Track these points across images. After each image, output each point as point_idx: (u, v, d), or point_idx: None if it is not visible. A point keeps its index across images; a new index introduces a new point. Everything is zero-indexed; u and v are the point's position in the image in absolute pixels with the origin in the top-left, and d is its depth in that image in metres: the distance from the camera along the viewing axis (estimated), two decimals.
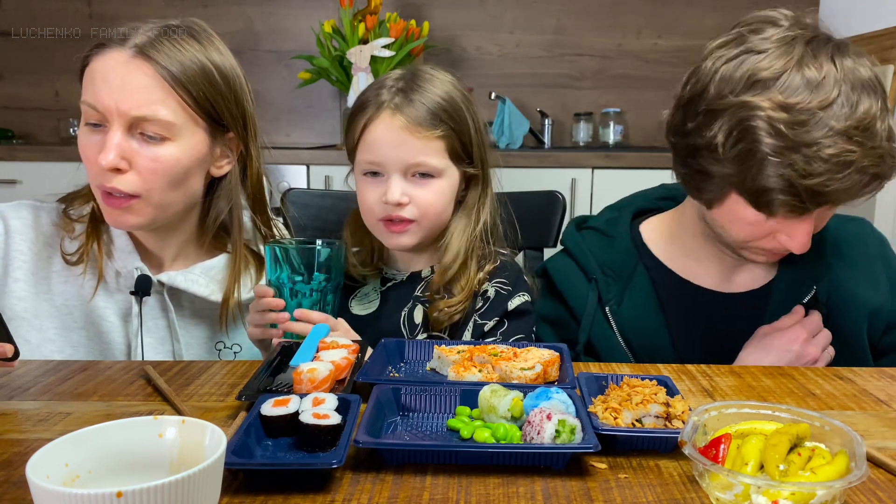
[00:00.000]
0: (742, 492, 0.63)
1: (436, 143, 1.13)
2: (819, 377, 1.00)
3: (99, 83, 1.04)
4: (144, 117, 1.04)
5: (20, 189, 2.56)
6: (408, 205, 1.14)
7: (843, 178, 0.92)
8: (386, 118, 1.12)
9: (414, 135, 1.11)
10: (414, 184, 1.14)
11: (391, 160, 1.13)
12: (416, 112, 1.11)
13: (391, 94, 1.13)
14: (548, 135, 3.17)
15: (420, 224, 1.16)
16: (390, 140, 1.12)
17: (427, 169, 1.13)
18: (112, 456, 0.58)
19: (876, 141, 0.93)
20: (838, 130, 0.92)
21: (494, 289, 1.20)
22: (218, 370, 1.00)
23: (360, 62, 2.75)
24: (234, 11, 3.18)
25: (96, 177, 1.06)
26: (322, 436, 0.71)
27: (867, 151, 0.93)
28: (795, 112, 0.92)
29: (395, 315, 1.22)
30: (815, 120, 0.92)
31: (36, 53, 3.14)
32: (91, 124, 1.06)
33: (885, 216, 2.56)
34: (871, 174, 0.95)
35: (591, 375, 0.89)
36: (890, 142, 0.95)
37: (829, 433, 0.70)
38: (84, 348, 1.15)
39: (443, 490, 0.67)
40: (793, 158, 0.92)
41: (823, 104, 0.93)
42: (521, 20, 3.24)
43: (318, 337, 1.00)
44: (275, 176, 2.60)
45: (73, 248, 1.15)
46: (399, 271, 1.26)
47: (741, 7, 3.22)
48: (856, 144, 0.92)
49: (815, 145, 0.92)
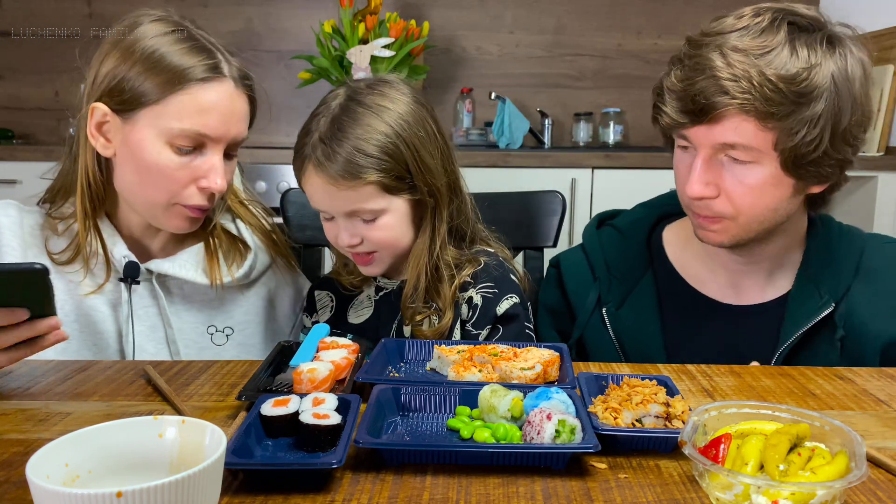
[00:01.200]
0: (742, 492, 0.63)
1: (366, 189, 1.09)
2: (819, 377, 0.99)
3: (212, 114, 1.08)
4: (240, 140, 1.15)
5: (20, 189, 2.55)
6: (360, 244, 1.14)
7: (698, 83, 0.97)
8: (311, 174, 1.11)
9: (340, 188, 1.09)
10: (360, 224, 1.13)
11: (329, 209, 1.14)
12: (336, 167, 1.08)
13: (315, 144, 1.10)
14: (548, 135, 3.17)
15: (381, 254, 1.16)
16: (320, 193, 1.12)
17: (367, 214, 1.12)
18: (112, 456, 0.58)
19: (754, 71, 0.95)
20: (725, 47, 0.98)
21: (480, 295, 1.17)
22: (218, 370, 1.00)
23: (360, 62, 2.75)
24: (234, 11, 3.18)
25: (191, 197, 1.11)
26: (322, 436, 0.71)
27: (737, 71, 0.96)
28: (708, 33, 1.01)
29: (386, 325, 1.21)
30: (718, 40, 0.99)
31: (36, 53, 3.14)
32: (181, 148, 1.08)
33: (886, 216, 2.56)
34: (710, 82, 0.97)
35: (591, 375, 0.89)
36: (784, 83, 0.95)
37: (829, 433, 0.70)
38: (77, 341, 1.15)
39: (443, 490, 0.67)
40: (671, 67, 1.04)
41: (734, 27, 0.99)
42: (521, 20, 3.24)
43: (318, 337, 1.00)
44: (275, 176, 2.60)
45: (61, 247, 1.16)
46: (389, 279, 1.26)
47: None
48: (725, 61, 0.97)
49: (696, 56, 1.00)
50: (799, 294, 1.12)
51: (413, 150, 1.11)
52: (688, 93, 1.00)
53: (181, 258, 1.20)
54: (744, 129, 0.98)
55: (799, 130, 0.97)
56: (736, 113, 0.97)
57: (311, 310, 1.30)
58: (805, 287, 1.12)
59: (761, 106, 0.96)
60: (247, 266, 1.24)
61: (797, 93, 0.96)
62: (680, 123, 1.02)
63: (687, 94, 1.00)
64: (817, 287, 1.11)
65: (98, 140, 1.11)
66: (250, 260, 1.24)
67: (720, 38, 0.99)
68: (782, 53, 0.96)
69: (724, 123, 0.98)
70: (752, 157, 1.00)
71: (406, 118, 1.12)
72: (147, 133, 1.08)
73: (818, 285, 1.11)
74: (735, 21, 1.00)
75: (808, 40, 0.98)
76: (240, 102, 1.13)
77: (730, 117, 0.98)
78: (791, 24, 1.00)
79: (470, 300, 1.17)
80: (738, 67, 0.96)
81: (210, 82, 1.09)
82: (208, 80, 1.09)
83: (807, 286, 1.12)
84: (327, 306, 1.28)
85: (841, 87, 0.98)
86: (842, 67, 0.99)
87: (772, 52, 0.96)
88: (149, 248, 1.21)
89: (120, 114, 1.09)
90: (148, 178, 1.10)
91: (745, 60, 0.97)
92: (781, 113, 0.96)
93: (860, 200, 2.65)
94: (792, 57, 0.96)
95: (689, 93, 1.00)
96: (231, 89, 1.11)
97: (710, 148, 1.01)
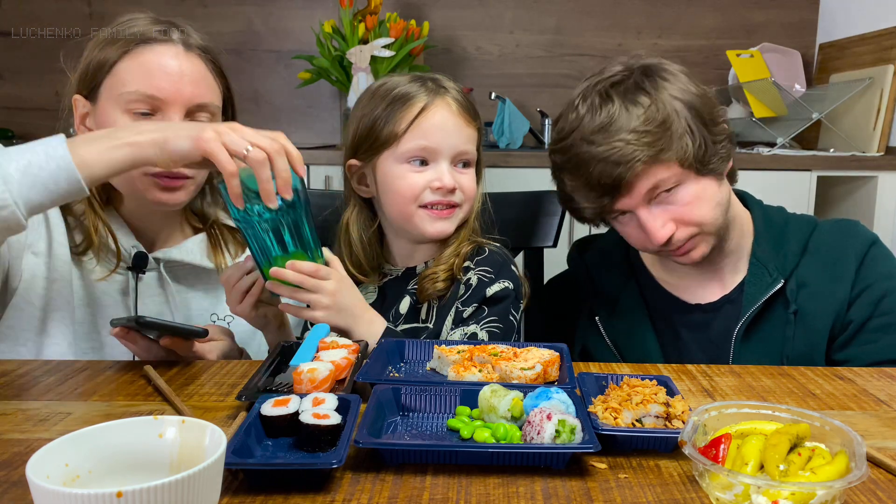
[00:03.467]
0: (742, 492, 0.63)
1: (474, 134, 1.22)
2: (819, 377, 1.00)
3: (158, 74, 1.10)
4: (204, 104, 1.14)
5: None
6: (456, 190, 1.19)
7: (594, 171, 1.10)
8: (445, 107, 1.18)
9: (467, 123, 1.20)
10: (457, 172, 1.20)
11: (445, 146, 1.18)
12: (465, 102, 1.21)
13: (436, 86, 1.20)
14: (548, 135, 3.17)
15: (462, 209, 1.22)
16: (448, 126, 1.18)
17: (468, 157, 1.21)
18: (112, 456, 0.58)
19: (622, 137, 1.09)
20: (586, 138, 1.11)
21: (477, 276, 1.21)
22: (218, 370, 1.00)
23: (360, 62, 2.75)
24: (234, 11, 3.18)
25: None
26: (322, 436, 0.71)
27: (614, 146, 1.09)
28: (563, 136, 1.15)
29: (390, 309, 1.24)
30: (577, 135, 1.13)
31: (36, 53, 3.14)
32: (140, 113, 1.10)
33: (886, 216, 2.56)
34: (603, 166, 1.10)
35: (591, 375, 0.89)
36: (645, 126, 1.09)
37: (829, 433, 0.70)
38: (87, 324, 1.19)
39: (443, 490, 0.67)
40: (561, 176, 1.19)
41: (580, 120, 1.13)
42: (521, 20, 3.24)
43: (318, 337, 1.00)
44: None
45: (78, 240, 1.18)
46: (395, 266, 1.28)
47: (741, 7, 3.22)
48: (597, 146, 1.10)
49: (572, 158, 1.13)
50: (752, 277, 1.23)
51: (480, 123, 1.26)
52: (591, 183, 1.12)
53: (187, 245, 1.24)
54: (653, 172, 1.10)
55: (683, 143, 1.11)
56: (639, 172, 1.10)
57: None
58: (756, 269, 1.23)
59: (651, 151, 1.09)
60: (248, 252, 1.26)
61: (661, 123, 1.10)
62: (604, 206, 1.14)
63: (590, 184, 1.12)
64: (766, 267, 1.22)
65: (84, 132, 1.14)
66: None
67: (576, 133, 1.12)
68: (625, 112, 1.10)
69: (636, 181, 1.11)
70: (675, 181, 1.12)
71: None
72: (107, 105, 1.12)
73: (767, 266, 1.22)
74: (574, 115, 1.14)
75: (633, 88, 1.12)
76: (191, 64, 1.14)
77: (636, 175, 1.10)
78: (612, 86, 1.13)
79: (468, 282, 1.21)
80: (610, 144, 1.09)
81: (154, 44, 1.12)
82: (152, 41, 1.12)
83: (757, 268, 1.23)
84: None
85: (682, 97, 1.12)
86: (670, 86, 1.13)
87: (618, 117, 1.10)
88: (155, 239, 1.24)
89: (90, 98, 1.14)
90: None
91: (608, 137, 1.09)
92: (665, 143, 1.10)
93: (860, 200, 2.65)
94: (635, 108, 1.10)
95: (591, 183, 1.12)
96: (178, 51, 1.13)
97: (641, 201, 1.13)
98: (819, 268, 1.21)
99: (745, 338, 1.20)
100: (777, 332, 1.19)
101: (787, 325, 1.19)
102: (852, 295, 1.18)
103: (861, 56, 2.83)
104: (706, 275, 1.26)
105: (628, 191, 1.12)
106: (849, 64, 2.90)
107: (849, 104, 2.75)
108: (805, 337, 1.18)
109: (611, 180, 1.10)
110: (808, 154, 2.64)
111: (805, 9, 3.18)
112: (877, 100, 2.66)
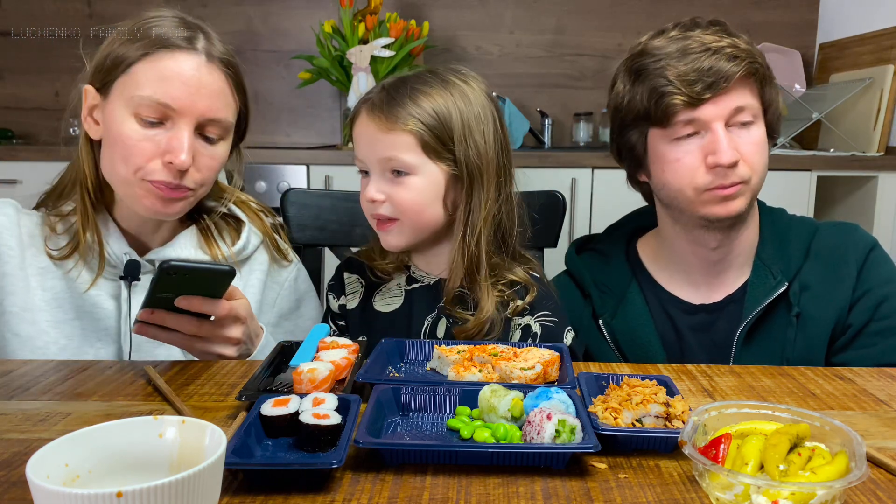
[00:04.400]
0: (742, 492, 0.63)
1: (405, 138, 1.09)
2: (819, 377, 1.00)
3: (174, 83, 1.07)
4: (217, 120, 1.11)
5: (20, 189, 2.55)
6: (384, 202, 1.13)
7: (704, 61, 1.11)
8: (363, 117, 1.13)
9: (382, 131, 1.10)
10: (391, 182, 1.12)
11: (367, 157, 1.13)
12: (385, 108, 1.10)
13: (377, 91, 1.14)
14: (548, 135, 3.17)
15: (402, 223, 1.14)
16: (365, 137, 1.13)
17: (399, 165, 1.10)
18: (112, 456, 0.58)
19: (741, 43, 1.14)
20: (695, 36, 1.14)
21: (539, 323, 1.15)
22: (218, 370, 1.00)
23: (360, 62, 2.75)
24: (234, 11, 3.18)
25: (156, 173, 1.08)
26: (322, 436, 0.71)
27: (729, 42, 1.13)
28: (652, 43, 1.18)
29: (418, 320, 1.19)
30: (680, 34, 1.16)
31: (36, 53, 3.14)
32: (147, 120, 1.07)
33: (886, 216, 2.56)
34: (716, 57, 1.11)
35: (591, 375, 0.89)
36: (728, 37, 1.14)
37: (829, 433, 0.70)
38: (78, 338, 1.16)
39: (443, 490, 0.67)
40: (659, 64, 1.15)
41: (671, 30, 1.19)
42: (521, 20, 3.24)
43: (318, 337, 1.00)
44: (275, 176, 2.60)
45: (60, 244, 1.16)
46: (426, 273, 1.22)
47: (741, 7, 3.22)
48: (712, 39, 1.13)
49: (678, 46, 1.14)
50: (756, 279, 1.23)
51: (465, 123, 1.12)
52: (701, 69, 1.11)
53: (179, 242, 1.20)
54: (746, 92, 1.13)
55: (771, 86, 1.17)
56: (741, 78, 1.12)
57: (338, 291, 1.28)
58: (760, 271, 1.23)
59: (759, 65, 1.14)
60: (244, 238, 1.25)
61: (760, 54, 1.15)
62: (696, 100, 1.12)
63: (700, 70, 1.11)
64: (770, 270, 1.22)
65: (90, 125, 1.13)
66: (245, 232, 1.26)
67: (682, 28, 1.17)
68: (741, 36, 1.15)
69: (733, 90, 1.12)
70: (753, 117, 1.14)
71: (469, 97, 1.14)
72: (117, 104, 1.08)
73: (771, 268, 1.22)
74: (671, 28, 1.19)
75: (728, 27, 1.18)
76: (211, 77, 1.10)
77: (736, 83, 1.12)
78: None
79: (528, 328, 1.15)
80: (728, 41, 1.12)
81: (176, 51, 1.08)
82: (174, 48, 1.08)
83: (762, 270, 1.23)
84: (357, 291, 1.26)
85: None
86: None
87: (732, 34, 1.15)
88: (149, 243, 1.21)
89: (101, 92, 1.11)
90: (115, 150, 1.09)
91: (724, 37, 1.13)
92: (767, 71, 1.15)
93: (860, 200, 2.65)
94: (746, 36, 1.16)
95: (702, 69, 1.11)
96: (199, 62, 1.09)
97: (723, 118, 1.13)
98: (821, 271, 1.21)
99: (747, 339, 1.20)
100: (779, 334, 1.19)
101: (788, 328, 1.19)
102: (853, 298, 1.19)
103: (861, 56, 2.83)
104: (711, 275, 1.25)
105: (723, 95, 1.11)
106: (849, 64, 2.90)
107: (849, 104, 2.75)
108: (805, 340, 1.18)
109: (723, 72, 1.10)
110: (808, 154, 2.64)
111: (805, 9, 3.18)
112: (877, 100, 2.66)
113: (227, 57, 1.14)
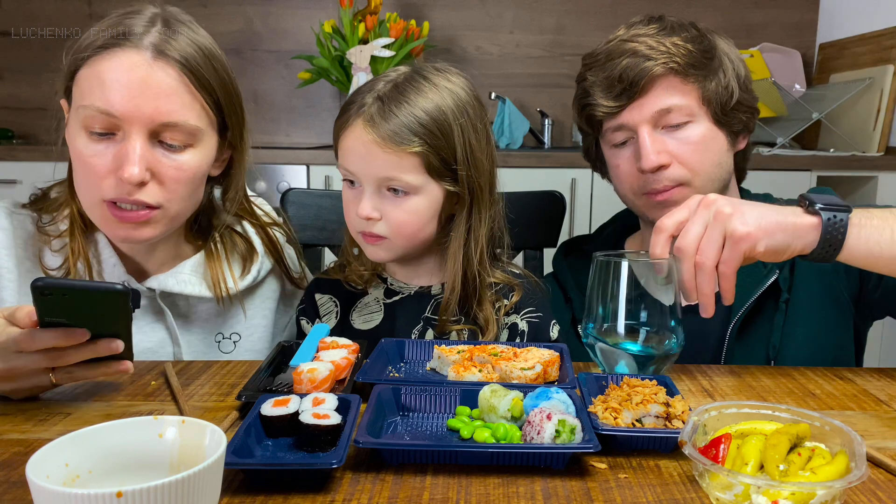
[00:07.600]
0: (742, 492, 0.63)
1: (409, 159, 1.04)
2: (819, 377, 1.00)
3: (114, 87, 0.94)
4: (172, 124, 0.97)
5: (20, 189, 2.55)
6: (378, 221, 1.07)
7: (620, 65, 1.11)
8: (358, 130, 1.05)
9: (384, 150, 1.03)
10: (387, 199, 1.07)
11: (362, 172, 1.06)
12: (388, 126, 1.03)
13: (372, 100, 1.05)
14: (548, 135, 3.17)
15: (393, 241, 1.09)
16: (361, 152, 1.05)
17: (400, 185, 1.05)
18: (112, 456, 0.58)
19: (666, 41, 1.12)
20: (628, 38, 1.14)
21: (525, 321, 1.14)
22: (218, 370, 1.00)
23: (360, 62, 2.75)
24: (234, 11, 3.18)
25: (109, 190, 0.97)
26: (322, 436, 0.71)
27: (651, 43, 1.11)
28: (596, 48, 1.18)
29: (403, 334, 1.15)
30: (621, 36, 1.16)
31: (36, 53, 3.14)
32: (96, 133, 0.96)
33: None
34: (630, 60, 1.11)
35: (591, 375, 0.89)
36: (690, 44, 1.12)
37: (829, 433, 0.70)
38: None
39: (443, 490, 0.67)
40: (587, 73, 1.17)
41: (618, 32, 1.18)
42: (521, 20, 3.24)
43: (318, 337, 1.00)
44: (275, 176, 2.60)
45: (56, 264, 1.07)
46: (404, 283, 1.18)
47: (741, 7, 3.22)
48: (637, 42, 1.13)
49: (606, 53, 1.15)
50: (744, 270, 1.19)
51: (466, 137, 1.07)
52: (613, 77, 1.11)
53: (183, 272, 1.11)
54: (672, 90, 1.11)
55: (714, 80, 1.12)
56: (661, 76, 1.10)
57: (311, 314, 1.20)
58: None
59: (681, 61, 1.10)
60: (254, 271, 1.17)
61: (702, 50, 1.12)
62: (615, 108, 1.12)
63: (612, 78, 1.11)
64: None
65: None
66: (257, 264, 1.18)
67: (620, 36, 1.14)
68: (673, 30, 1.13)
69: (653, 91, 1.10)
70: (687, 116, 1.12)
71: (465, 105, 1.09)
72: (72, 119, 0.98)
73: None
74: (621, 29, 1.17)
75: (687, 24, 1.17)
76: (160, 75, 0.95)
77: (656, 83, 1.10)
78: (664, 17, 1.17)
79: (515, 326, 1.15)
80: (651, 41, 1.11)
81: (115, 51, 0.95)
82: (113, 48, 0.95)
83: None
84: (332, 312, 1.20)
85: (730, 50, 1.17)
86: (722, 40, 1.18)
87: (665, 29, 1.13)
88: (146, 265, 1.12)
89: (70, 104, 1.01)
90: (77, 170, 0.99)
91: (653, 36, 1.12)
92: (698, 65, 1.11)
93: (860, 200, 2.65)
94: (684, 31, 1.14)
95: (613, 77, 1.11)
96: (141, 59, 0.95)
97: (649, 121, 1.12)
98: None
99: (739, 332, 1.19)
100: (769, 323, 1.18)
101: (777, 314, 1.18)
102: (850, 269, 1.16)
103: (861, 56, 2.83)
104: None
105: (643, 95, 1.10)
106: (849, 64, 2.90)
107: (849, 104, 2.75)
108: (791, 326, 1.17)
109: (633, 75, 1.09)
110: (808, 154, 2.64)
111: (805, 9, 3.18)
112: (877, 100, 2.66)
113: (190, 50, 0.98)
